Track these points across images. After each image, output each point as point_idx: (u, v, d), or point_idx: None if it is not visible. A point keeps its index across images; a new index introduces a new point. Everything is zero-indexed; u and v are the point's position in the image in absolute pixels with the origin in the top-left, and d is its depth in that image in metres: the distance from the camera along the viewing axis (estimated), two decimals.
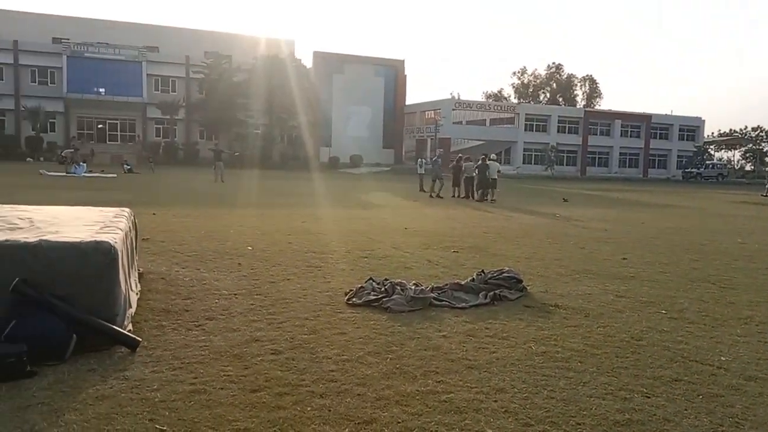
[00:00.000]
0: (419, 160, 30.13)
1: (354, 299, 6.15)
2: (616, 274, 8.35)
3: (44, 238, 4.65)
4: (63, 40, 51.35)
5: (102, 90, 51.18)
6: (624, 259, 9.67)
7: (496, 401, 3.85)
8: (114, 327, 4.51)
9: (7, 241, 4.51)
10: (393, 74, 61.57)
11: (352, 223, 13.39)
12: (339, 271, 7.83)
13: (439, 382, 4.13)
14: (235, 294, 6.35)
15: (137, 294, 5.80)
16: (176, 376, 4.02)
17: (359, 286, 6.51)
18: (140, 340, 4.59)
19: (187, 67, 53.96)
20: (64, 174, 28.98)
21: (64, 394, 3.68)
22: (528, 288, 7.00)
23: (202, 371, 4.13)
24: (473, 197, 22.88)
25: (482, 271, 7.16)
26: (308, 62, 57.98)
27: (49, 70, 51.02)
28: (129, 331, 4.69)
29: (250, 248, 9.21)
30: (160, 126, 53.62)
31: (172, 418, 3.42)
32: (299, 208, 16.48)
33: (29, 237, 4.69)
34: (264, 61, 52.40)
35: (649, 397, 4.01)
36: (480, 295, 6.45)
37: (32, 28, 51.94)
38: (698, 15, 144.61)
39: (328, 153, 54.60)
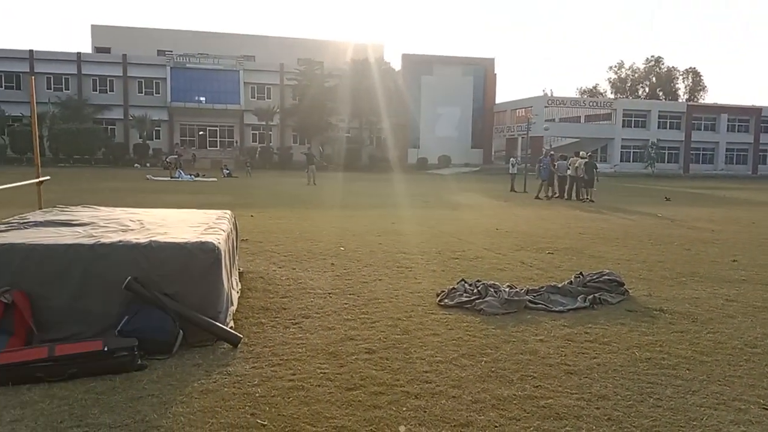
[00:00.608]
0: (511, 159, 29.46)
1: (446, 300, 6.10)
2: (725, 277, 7.81)
3: (154, 238, 4.93)
4: (167, 53, 54.48)
5: (202, 98, 53.85)
6: (734, 261, 9.04)
7: (598, 408, 3.69)
8: (217, 324, 4.71)
9: (120, 241, 4.82)
10: (482, 73, 60.74)
11: (441, 224, 13.32)
12: (430, 272, 7.80)
13: (537, 387, 4.01)
14: (329, 293, 6.47)
15: (238, 292, 6.02)
16: (275, 373, 4.13)
17: (451, 287, 6.45)
18: (241, 336, 4.76)
19: (281, 74, 55.77)
20: (169, 178, 30.71)
21: (172, 387, 3.87)
22: (630, 291, 6.69)
23: (299, 368, 4.23)
24: (566, 197, 22.15)
25: (580, 273, 6.90)
26: (397, 65, 58.47)
27: (154, 81, 54.24)
28: (231, 327, 4.88)
29: (342, 249, 9.37)
30: (256, 132, 55.70)
31: (272, 414, 3.52)
32: (388, 210, 16.60)
33: (140, 238, 4.98)
34: (353, 66, 53.28)
35: (767, 409, 3.72)
36: (578, 298, 6.22)
37: (139, 42, 55.46)
38: None
39: (416, 154, 54.72)
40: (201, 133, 55.69)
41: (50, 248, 4.64)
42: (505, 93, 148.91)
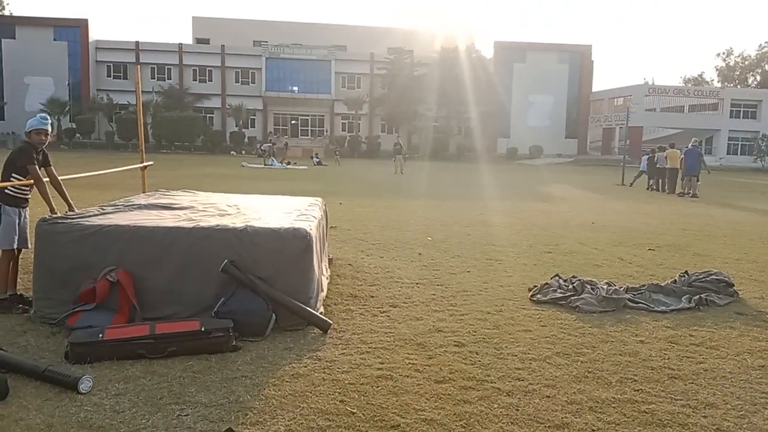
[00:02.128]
0: (644, 156, 24.39)
1: (538, 296, 5.89)
2: None
3: (249, 223, 5.04)
4: (262, 43, 56.19)
5: (295, 88, 55.21)
6: None
7: (705, 417, 3.43)
8: (308, 309, 4.76)
9: (218, 225, 4.96)
10: (578, 60, 58.51)
11: (533, 216, 12.95)
12: (521, 265, 7.57)
13: (637, 390, 3.78)
14: (417, 283, 6.41)
15: (327, 278, 6.08)
16: (364, 360, 4.12)
17: (544, 282, 6.23)
18: (331, 322, 4.79)
19: (371, 64, 56.16)
20: (263, 166, 31.71)
21: (264, 369, 3.94)
22: (739, 293, 6.20)
23: (388, 357, 4.19)
24: (666, 190, 20.98)
25: (685, 272, 6.47)
26: (488, 52, 57.41)
27: (250, 71, 56.12)
28: (321, 313, 4.92)
29: (429, 239, 9.28)
30: (346, 121, 56.50)
31: (361, 402, 3.50)
32: (476, 200, 16.33)
33: (236, 222, 5.11)
34: (443, 55, 52.81)
35: None
36: (683, 298, 5.83)
37: (236, 33, 57.45)
38: None
39: (505, 144, 53.60)
40: (293, 122, 57.14)
41: (152, 230, 4.85)
42: (602, 81, 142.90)
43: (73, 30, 52.89)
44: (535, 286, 6.16)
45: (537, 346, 4.56)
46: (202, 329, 4.17)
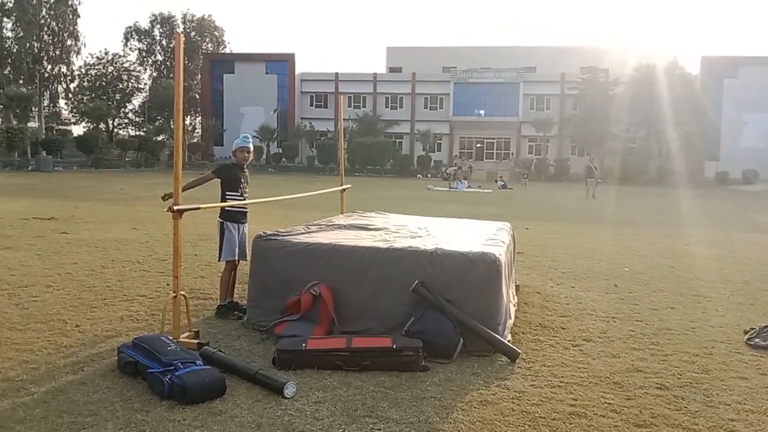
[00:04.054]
0: None
1: (757, 340, 5.22)
2: None
3: (439, 246, 5.14)
4: (451, 69, 57.45)
5: (482, 112, 55.50)
6: None
7: None
8: (496, 335, 4.71)
9: (410, 247, 5.13)
10: None
11: (749, 248, 11.54)
12: (734, 304, 6.78)
13: None
14: (613, 317, 6.03)
15: (515, 306, 5.97)
16: (555, 395, 3.96)
17: (764, 325, 5.50)
18: (519, 351, 4.68)
19: (561, 84, 54.60)
20: (448, 189, 32.21)
21: (452, 392, 3.96)
22: None
23: (581, 394, 3.99)
24: None
25: None
26: (694, 68, 52.77)
27: (438, 97, 57.64)
28: (509, 341, 4.84)
29: (626, 270, 8.70)
30: (533, 143, 55.40)
31: None
32: (681, 229, 14.95)
33: (427, 244, 5.25)
34: (640, 72, 49.58)
35: None
36: None
37: (427, 61, 59.36)
38: None
39: (714, 167, 48.59)
40: (479, 145, 57.39)
41: (351, 249, 5.16)
42: None
43: (282, 64, 58.67)
44: (753, 329, 5.47)
45: (755, 396, 4.04)
46: (394, 347, 4.32)
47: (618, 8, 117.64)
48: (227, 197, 5.76)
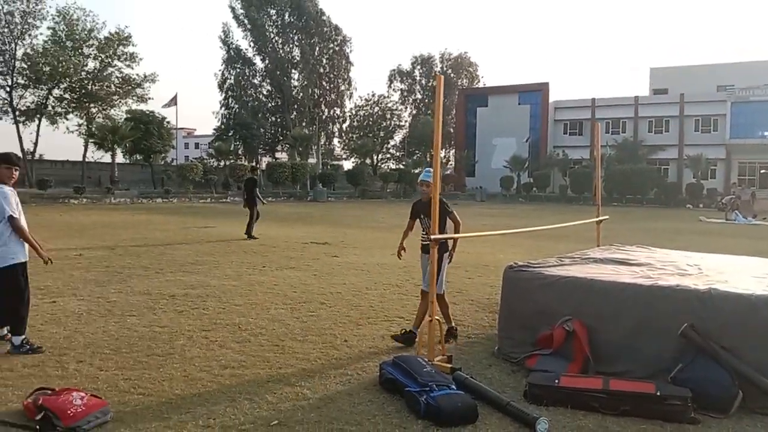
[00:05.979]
0: None
1: None
2: None
3: (713, 286, 4.61)
4: (727, 87, 51.22)
5: (766, 133, 48.38)
6: None
7: None
8: None
9: (678, 285, 4.69)
10: None
11: None
12: None
13: None
14: None
15: None
16: None
17: None
18: None
19: None
20: (723, 221, 28.57)
21: None
22: None
23: None
24: None
25: None
26: None
27: (711, 118, 51.68)
28: None
29: None
30: None
31: None
32: None
33: (698, 284, 4.74)
34: None
35: None
36: None
37: (697, 80, 53.85)
38: None
39: None
40: (763, 171, 50.00)
41: (609, 285, 4.89)
42: None
43: (535, 94, 58.43)
44: None
45: None
46: (658, 393, 3.97)
47: None
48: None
